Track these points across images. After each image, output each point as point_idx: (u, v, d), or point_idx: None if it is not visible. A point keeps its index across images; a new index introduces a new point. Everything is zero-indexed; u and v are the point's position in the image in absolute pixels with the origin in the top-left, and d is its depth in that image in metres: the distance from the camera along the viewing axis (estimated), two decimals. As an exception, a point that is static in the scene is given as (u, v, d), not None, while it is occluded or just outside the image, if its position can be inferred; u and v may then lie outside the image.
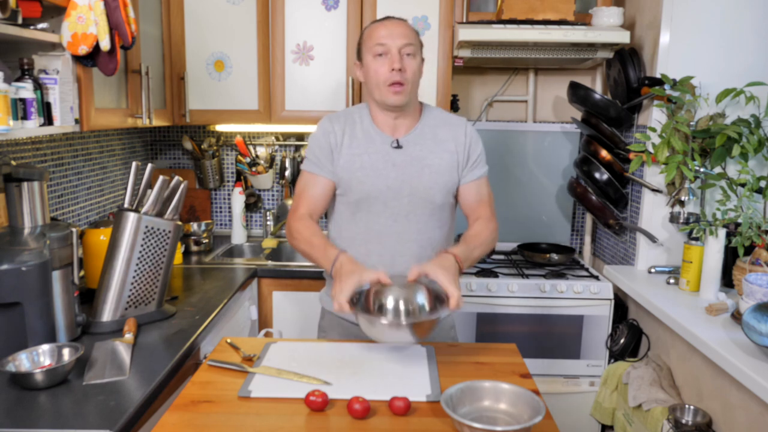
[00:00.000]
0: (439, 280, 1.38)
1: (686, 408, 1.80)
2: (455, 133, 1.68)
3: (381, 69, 1.58)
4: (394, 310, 1.36)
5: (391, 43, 1.57)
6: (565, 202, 2.90)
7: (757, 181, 1.99)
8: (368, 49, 1.61)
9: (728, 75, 2.17)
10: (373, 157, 1.62)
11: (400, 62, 1.57)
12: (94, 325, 1.67)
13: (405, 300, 1.36)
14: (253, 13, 2.54)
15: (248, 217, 3.05)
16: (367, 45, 1.62)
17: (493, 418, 1.19)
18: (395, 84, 1.57)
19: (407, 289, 1.38)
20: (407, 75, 1.58)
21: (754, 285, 1.69)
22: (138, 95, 2.14)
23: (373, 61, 1.60)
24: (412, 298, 1.37)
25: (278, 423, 1.20)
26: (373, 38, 1.60)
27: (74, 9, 1.63)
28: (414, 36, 1.62)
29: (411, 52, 1.59)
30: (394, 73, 1.56)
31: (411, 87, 1.60)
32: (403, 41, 1.58)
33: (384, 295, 1.38)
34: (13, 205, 1.54)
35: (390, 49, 1.58)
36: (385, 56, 1.58)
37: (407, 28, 1.62)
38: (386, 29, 1.59)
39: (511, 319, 2.40)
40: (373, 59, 1.60)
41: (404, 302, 1.36)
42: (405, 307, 1.36)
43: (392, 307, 1.36)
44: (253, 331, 2.39)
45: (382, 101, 1.62)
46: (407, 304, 1.36)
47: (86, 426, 1.17)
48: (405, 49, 1.58)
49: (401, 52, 1.58)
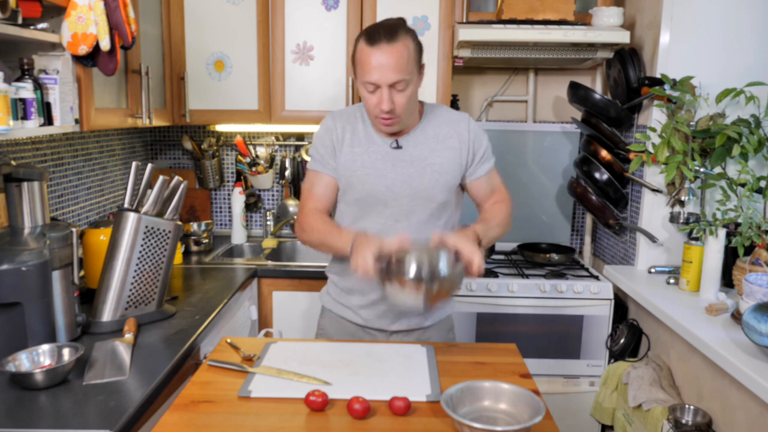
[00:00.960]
0: (460, 248, 1.39)
1: (686, 408, 1.80)
2: (458, 129, 1.67)
3: (371, 102, 1.53)
4: (417, 269, 1.35)
5: (381, 80, 1.48)
6: (565, 202, 2.90)
7: (757, 181, 1.99)
8: (359, 76, 1.54)
9: (728, 75, 2.17)
10: (373, 156, 1.62)
11: (390, 101, 1.50)
12: (94, 325, 1.67)
13: (428, 260, 1.36)
14: (253, 13, 2.54)
15: (248, 217, 3.05)
16: (358, 72, 1.54)
17: (493, 418, 1.19)
18: (384, 119, 1.55)
19: (429, 252, 1.38)
20: (397, 110, 1.53)
21: (754, 285, 1.69)
22: (138, 95, 2.14)
23: (364, 91, 1.54)
24: (435, 259, 1.37)
25: (278, 423, 1.20)
26: (364, 70, 1.50)
27: (74, 9, 1.63)
28: (407, 62, 1.50)
29: (402, 87, 1.51)
30: (383, 111, 1.52)
31: (404, 116, 1.57)
32: (394, 78, 1.48)
33: (407, 257, 1.36)
34: (13, 205, 1.54)
35: (380, 86, 1.50)
36: (376, 91, 1.51)
37: (399, 56, 1.48)
38: (376, 61, 1.47)
39: (511, 319, 2.40)
40: (364, 89, 1.54)
41: (427, 263, 1.35)
42: (428, 267, 1.35)
43: (416, 267, 1.35)
44: (253, 331, 2.39)
45: (375, 126, 1.63)
46: (430, 265, 1.36)
47: (86, 426, 1.17)
48: (396, 85, 1.50)
49: (391, 89, 1.50)
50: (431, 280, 1.34)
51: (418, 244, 1.40)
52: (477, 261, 1.38)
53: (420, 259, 1.35)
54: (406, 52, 1.50)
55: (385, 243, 1.40)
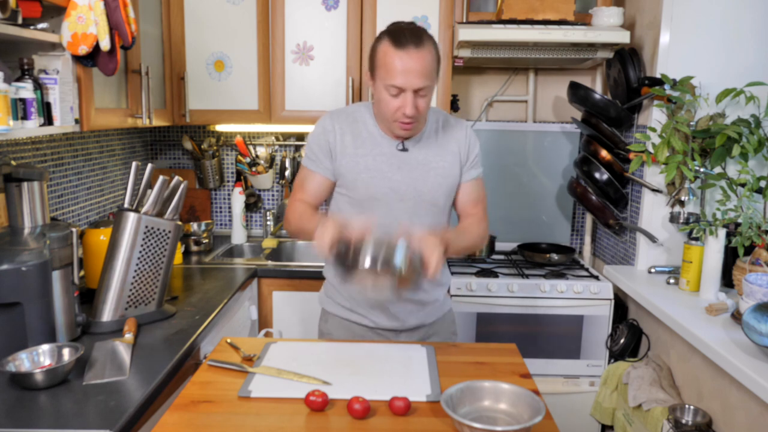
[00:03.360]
0: (422, 247, 1.38)
1: (686, 408, 1.80)
2: (457, 134, 1.69)
3: (392, 105, 1.51)
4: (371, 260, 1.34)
5: (407, 85, 1.46)
6: (565, 202, 2.90)
7: (757, 181, 1.99)
8: (381, 79, 1.50)
9: (728, 75, 2.17)
10: (378, 159, 1.62)
11: (414, 107, 1.48)
12: (94, 325, 1.67)
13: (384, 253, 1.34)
14: (253, 13, 2.54)
15: (248, 217, 3.05)
16: (380, 74, 1.50)
17: (493, 418, 1.19)
18: (405, 123, 1.54)
19: (387, 244, 1.36)
20: (418, 115, 1.52)
21: (754, 285, 1.69)
22: (138, 95, 2.14)
23: (385, 94, 1.51)
24: (391, 252, 1.35)
25: (278, 423, 1.20)
26: (389, 73, 1.47)
27: (74, 9, 1.63)
28: (432, 68, 1.49)
29: (425, 94, 1.49)
30: (406, 115, 1.51)
31: (421, 120, 1.57)
32: (420, 83, 1.46)
33: (364, 246, 1.35)
34: (13, 205, 1.54)
35: (405, 91, 1.47)
36: (399, 95, 1.49)
37: (426, 61, 1.46)
38: (402, 65, 1.45)
39: (511, 319, 2.40)
40: (385, 92, 1.50)
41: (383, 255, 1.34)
42: (383, 259, 1.34)
43: (370, 258, 1.34)
44: (253, 331, 2.39)
45: (389, 130, 1.61)
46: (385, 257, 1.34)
47: (86, 426, 1.17)
48: (420, 91, 1.48)
49: (416, 94, 1.48)
50: (383, 271, 1.33)
51: (378, 233, 1.38)
52: (434, 263, 1.36)
53: (376, 251, 1.34)
54: (430, 57, 1.49)
55: (347, 228, 1.38)
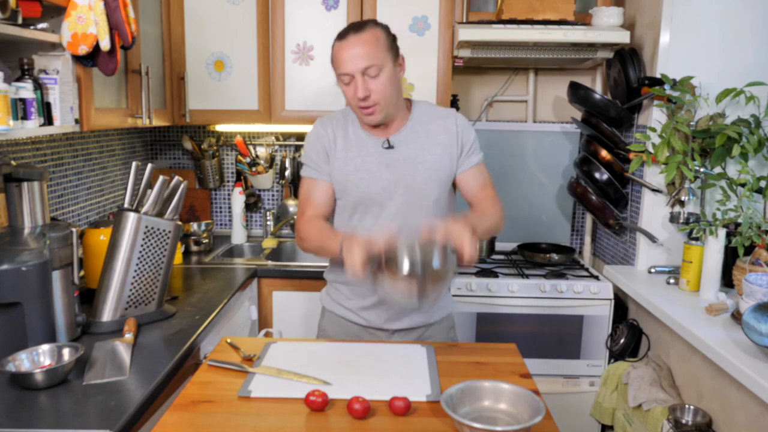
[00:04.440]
0: (452, 236, 1.36)
1: (686, 408, 1.80)
2: (446, 124, 1.67)
3: (349, 94, 1.57)
4: (409, 266, 1.32)
5: (353, 69, 1.52)
6: (565, 202, 2.90)
7: (757, 181, 1.99)
8: (336, 74, 1.58)
9: (728, 75, 2.17)
10: (366, 159, 1.63)
11: (365, 88, 1.53)
12: (94, 325, 1.67)
13: (420, 255, 1.33)
14: (253, 13, 2.54)
15: (248, 217, 3.05)
16: (335, 69, 1.58)
17: (493, 418, 1.19)
18: (364, 108, 1.57)
19: (420, 246, 1.35)
20: (374, 97, 1.55)
21: (754, 285, 1.69)
22: (138, 95, 2.14)
23: (343, 86, 1.58)
24: (427, 253, 1.33)
25: (278, 423, 1.20)
26: (338, 65, 1.56)
27: (74, 9, 1.63)
28: (376, 49, 1.53)
29: (374, 73, 1.53)
30: (360, 99, 1.55)
31: (384, 103, 1.57)
32: (363, 64, 1.51)
33: (398, 254, 1.33)
34: (13, 205, 1.54)
35: (353, 75, 1.53)
36: (351, 82, 1.55)
37: (367, 44, 1.52)
38: (345, 52, 1.53)
39: (511, 319, 2.40)
40: (341, 83, 1.58)
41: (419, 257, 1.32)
42: (420, 262, 1.32)
43: (407, 264, 1.32)
44: (253, 331, 2.39)
45: (361, 121, 1.64)
46: (423, 259, 1.32)
47: (86, 426, 1.17)
48: (368, 71, 1.52)
49: (364, 76, 1.53)
50: (424, 274, 1.32)
51: (407, 238, 1.37)
52: (468, 249, 1.35)
53: (411, 255, 1.32)
54: (373, 39, 1.54)
55: (374, 242, 1.37)
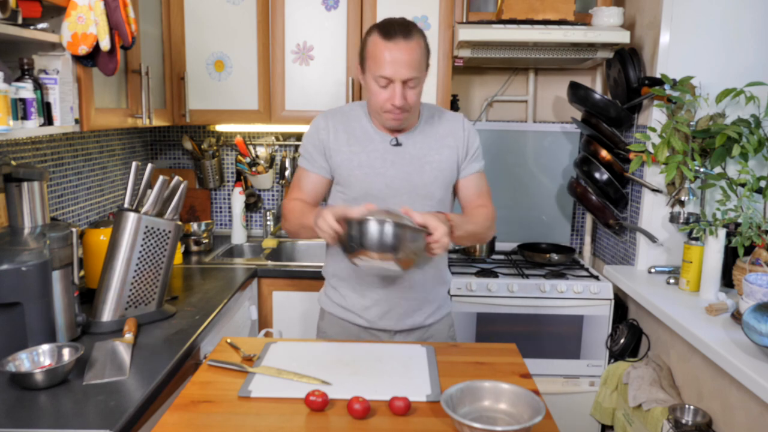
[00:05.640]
0: (426, 220, 1.38)
1: (686, 408, 1.80)
2: (453, 128, 1.69)
3: (381, 96, 1.54)
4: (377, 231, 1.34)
5: (396, 76, 1.49)
6: (565, 202, 2.90)
7: (757, 181, 1.99)
8: (370, 70, 1.54)
9: (728, 75, 2.17)
10: (372, 155, 1.63)
11: (402, 98, 1.51)
12: (94, 325, 1.67)
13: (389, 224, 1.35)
14: (253, 13, 2.54)
15: (248, 217, 3.05)
16: (370, 65, 1.54)
17: (493, 418, 1.19)
18: (395, 114, 1.56)
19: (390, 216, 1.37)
20: (408, 106, 1.54)
21: (754, 285, 1.69)
22: (138, 95, 2.14)
23: (374, 85, 1.54)
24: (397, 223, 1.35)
25: (278, 423, 1.20)
26: (378, 64, 1.50)
27: (74, 9, 1.63)
28: (420, 60, 1.52)
29: (414, 85, 1.52)
30: (395, 106, 1.53)
31: (412, 112, 1.58)
32: (408, 74, 1.49)
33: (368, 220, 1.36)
34: (13, 205, 1.54)
35: (393, 81, 1.50)
36: (388, 86, 1.52)
37: (414, 52, 1.50)
38: (391, 56, 1.48)
39: (511, 319, 2.40)
40: (374, 83, 1.54)
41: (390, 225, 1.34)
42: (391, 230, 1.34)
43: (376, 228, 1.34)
44: (253, 331, 2.39)
45: (380, 122, 1.63)
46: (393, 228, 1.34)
47: (86, 426, 1.17)
48: (409, 82, 1.51)
49: (405, 85, 1.51)
50: (394, 243, 1.34)
51: (380, 210, 1.39)
52: (438, 235, 1.37)
53: (380, 222, 1.34)
54: (419, 50, 1.52)
55: (349, 210, 1.40)
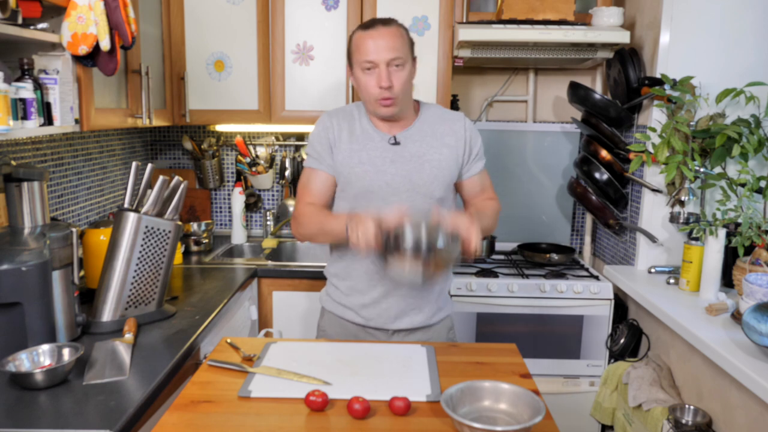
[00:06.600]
0: (458, 225, 1.44)
1: (686, 408, 1.80)
2: (454, 127, 1.70)
3: (370, 83, 1.58)
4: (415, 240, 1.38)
5: (379, 58, 1.55)
6: (565, 202, 2.90)
7: (757, 181, 1.99)
8: (356, 62, 1.59)
9: (728, 75, 2.17)
10: (372, 153, 1.64)
11: (388, 78, 1.55)
12: (94, 325, 1.67)
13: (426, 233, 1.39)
14: (253, 13, 2.54)
15: (248, 217, 3.05)
16: (356, 57, 1.59)
17: (493, 418, 1.19)
18: (385, 99, 1.58)
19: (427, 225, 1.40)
20: (396, 89, 1.57)
21: (754, 285, 1.69)
22: (138, 95, 2.14)
23: (362, 75, 1.59)
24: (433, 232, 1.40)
25: (278, 423, 1.20)
26: (361, 52, 1.57)
27: (74, 9, 1.63)
28: (402, 44, 1.58)
29: (399, 64, 1.57)
30: (383, 89, 1.56)
31: (401, 97, 1.60)
32: (391, 55, 1.55)
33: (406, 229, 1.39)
34: (13, 205, 1.54)
35: (378, 65, 1.55)
36: (373, 71, 1.57)
37: (395, 37, 1.57)
38: (373, 42, 1.55)
39: (511, 319, 2.40)
40: (362, 73, 1.59)
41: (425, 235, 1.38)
42: (426, 238, 1.38)
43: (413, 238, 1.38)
44: (253, 331, 2.39)
45: (374, 113, 1.65)
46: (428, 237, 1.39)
47: (86, 426, 1.17)
48: (393, 62, 1.56)
49: (389, 67, 1.56)
50: (429, 251, 1.38)
51: (416, 216, 1.43)
52: (474, 239, 1.43)
53: (418, 231, 1.38)
54: (400, 34, 1.59)
55: (383, 217, 1.44)
